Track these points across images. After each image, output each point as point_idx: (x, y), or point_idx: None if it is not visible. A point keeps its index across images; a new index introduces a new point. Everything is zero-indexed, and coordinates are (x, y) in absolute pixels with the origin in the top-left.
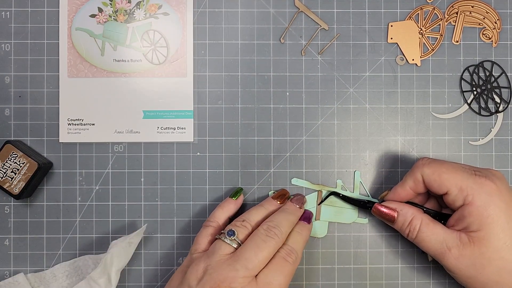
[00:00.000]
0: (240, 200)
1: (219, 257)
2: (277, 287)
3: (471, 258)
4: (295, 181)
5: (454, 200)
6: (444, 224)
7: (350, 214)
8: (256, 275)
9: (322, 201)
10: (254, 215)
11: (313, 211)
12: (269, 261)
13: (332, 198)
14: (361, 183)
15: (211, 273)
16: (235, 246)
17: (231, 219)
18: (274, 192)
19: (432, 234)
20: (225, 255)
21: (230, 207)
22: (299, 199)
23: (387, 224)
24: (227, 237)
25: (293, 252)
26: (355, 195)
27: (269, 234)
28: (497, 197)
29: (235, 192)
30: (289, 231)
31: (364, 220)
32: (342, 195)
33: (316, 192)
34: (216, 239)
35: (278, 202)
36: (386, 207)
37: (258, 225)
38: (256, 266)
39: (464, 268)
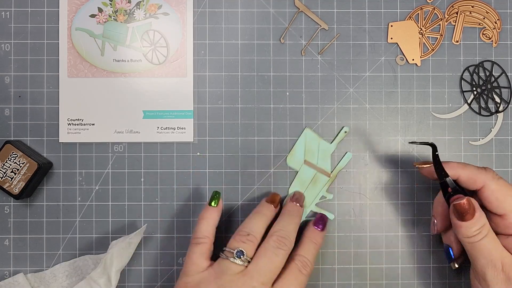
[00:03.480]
0: (220, 205)
1: (230, 276)
2: None
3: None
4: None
5: (507, 226)
6: None
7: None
8: (272, 285)
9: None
10: (257, 226)
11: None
12: (284, 270)
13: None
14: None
15: None
16: (246, 264)
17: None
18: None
19: (494, 248)
20: (236, 274)
21: (213, 216)
22: (298, 197)
23: (387, 224)
24: (236, 258)
25: (308, 264)
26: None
27: (280, 246)
28: None
29: (213, 198)
30: (296, 234)
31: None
32: (437, 154)
33: (327, 177)
34: (221, 258)
35: (273, 206)
36: (472, 203)
37: (262, 234)
38: (271, 278)
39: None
